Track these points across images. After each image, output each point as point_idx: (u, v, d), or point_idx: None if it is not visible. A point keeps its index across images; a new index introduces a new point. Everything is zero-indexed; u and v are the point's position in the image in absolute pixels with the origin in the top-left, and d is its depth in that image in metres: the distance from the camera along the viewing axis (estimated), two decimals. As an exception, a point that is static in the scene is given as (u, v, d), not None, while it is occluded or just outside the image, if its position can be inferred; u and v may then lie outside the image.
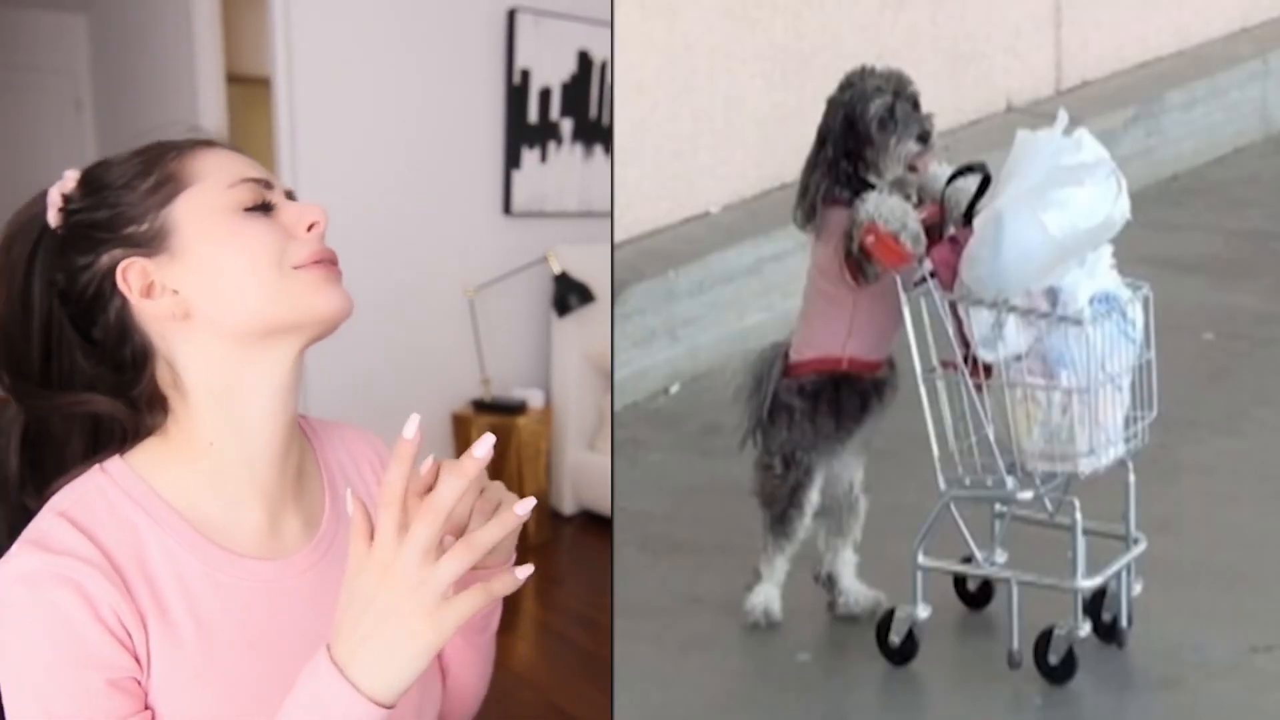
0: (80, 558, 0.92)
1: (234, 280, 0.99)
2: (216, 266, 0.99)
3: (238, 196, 1.00)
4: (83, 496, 0.98)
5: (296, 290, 1.00)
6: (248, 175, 1.02)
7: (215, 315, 0.99)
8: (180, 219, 0.99)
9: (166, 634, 0.95)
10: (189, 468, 1.02)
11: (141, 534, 0.97)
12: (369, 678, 0.84)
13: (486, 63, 4.59)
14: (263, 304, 0.99)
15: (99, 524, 0.95)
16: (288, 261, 1.00)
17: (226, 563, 1.01)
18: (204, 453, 1.02)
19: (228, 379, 1.01)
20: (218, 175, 1.01)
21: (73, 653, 0.91)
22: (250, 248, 0.99)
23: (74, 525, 0.94)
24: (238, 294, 0.99)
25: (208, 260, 0.99)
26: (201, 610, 0.98)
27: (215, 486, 1.02)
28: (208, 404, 1.02)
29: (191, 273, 0.99)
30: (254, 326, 0.99)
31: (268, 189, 1.03)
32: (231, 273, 0.99)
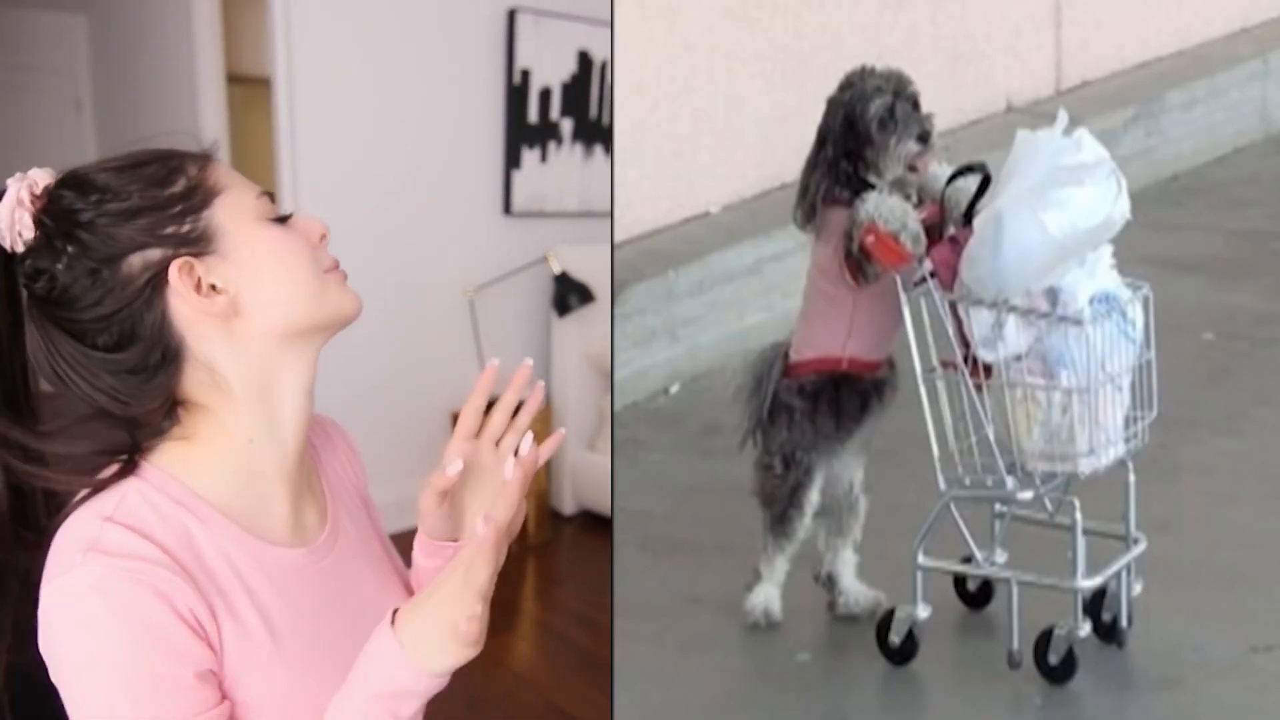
0: (145, 558, 0.94)
1: (283, 282, 1.05)
2: (267, 268, 1.04)
3: (264, 207, 1.06)
4: (123, 500, 0.98)
5: (331, 291, 1.07)
6: (260, 189, 1.08)
7: (264, 314, 1.04)
8: (222, 222, 1.03)
9: (235, 625, 0.99)
10: (224, 465, 1.05)
11: (192, 531, 1.00)
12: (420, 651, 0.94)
13: (486, 63, 4.59)
14: (307, 304, 1.05)
15: (149, 524, 0.97)
16: (319, 266, 1.07)
17: (265, 553, 1.05)
18: (242, 450, 1.05)
19: (265, 376, 1.05)
20: (242, 186, 1.06)
21: (163, 653, 0.93)
22: (294, 253, 1.06)
23: (126, 528, 0.95)
24: (288, 295, 1.05)
25: (258, 262, 1.04)
26: (261, 600, 1.02)
27: (249, 481, 1.06)
28: (248, 402, 1.05)
29: (242, 274, 1.03)
30: (298, 325, 1.05)
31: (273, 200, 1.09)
32: (280, 275, 1.04)
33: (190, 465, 1.03)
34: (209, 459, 1.04)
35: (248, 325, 1.03)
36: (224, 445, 1.05)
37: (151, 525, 0.97)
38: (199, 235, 1.02)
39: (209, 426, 1.05)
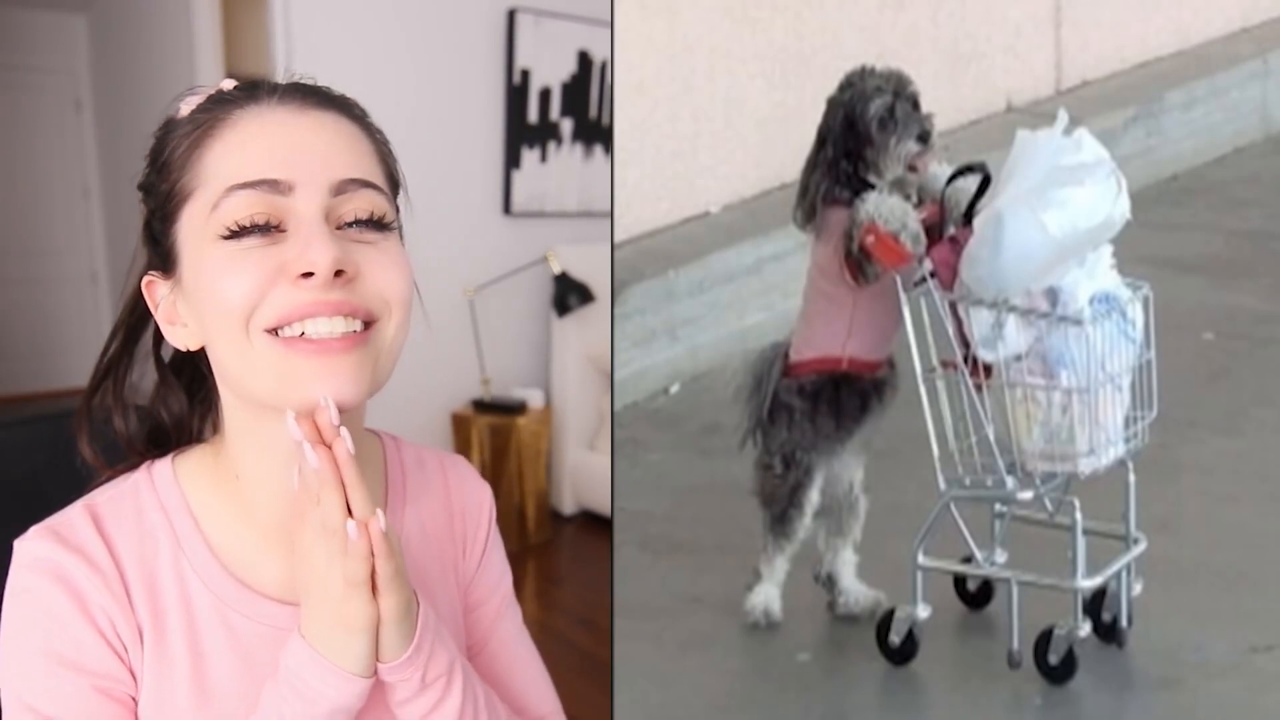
0: (88, 559, 0.88)
1: (212, 336, 0.85)
2: (200, 310, 0.86)
3: (224, 214, 0.83)
4: (118, 494, 0.94)
5: (267, 367, 0.83)
6: (245, 177, 0.83)
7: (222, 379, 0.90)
8: (181, 242, 0.87)
9: (161, 655, 0.90)
10: (221, 491, 0.95)
11: (159, 549, 0.92)
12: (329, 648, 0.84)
13: (486, 63, 4.59)
14: (232, 373, 0.86)
15: (121, 528, 0.91)
16: (257, 321, 0.82)
17: (239, 599, 0.93)
18: (232, 485, 0.94)
19: (248, 424, 0.91)
20: (214, 180, 0.84)
21: (60, 651, 0.87)
22: (218, 299, 0.82)
23: (95, 524, 0.91)
24: (216, 350, 0.86)
25: (194, 299, 0.86)
26: (203, 643, 0.91)
27: (240, 519, 0.94)
28: (234, 437, 0.93)
29: (192, 312, 0.88)
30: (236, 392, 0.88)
31: (275, 190, 0.83)
32: (209, 324, 0.85)
33: (199, 478, 0.95)
34: (213, 478, 0.95)
35: (212, 361, 0.90)
36: (223, 468, 0.95)
37: (123, 530, 0.91)
38: (166, 253, 0.88)
39: (221, 442, 0.96)
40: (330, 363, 0.83)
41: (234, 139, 0.85)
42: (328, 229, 0.83)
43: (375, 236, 0.87)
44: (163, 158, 0.89)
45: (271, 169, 0.83)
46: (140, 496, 0.94)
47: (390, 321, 0.88)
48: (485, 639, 1.12)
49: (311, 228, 0.83)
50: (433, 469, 1.09)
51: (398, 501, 1.04)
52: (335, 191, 0.85)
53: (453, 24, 4.45)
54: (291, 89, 0.89)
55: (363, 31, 4.19)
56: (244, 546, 0.94)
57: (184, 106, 0.91)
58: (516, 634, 1.15)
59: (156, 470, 0.96)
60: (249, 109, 0.87)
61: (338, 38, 4.12)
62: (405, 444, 1.09)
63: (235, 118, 0.86)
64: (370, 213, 0.87)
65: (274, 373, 0.83)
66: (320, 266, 0.81)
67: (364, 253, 0.86)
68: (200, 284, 0.84)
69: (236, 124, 0.86)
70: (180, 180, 0.86)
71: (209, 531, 0.93)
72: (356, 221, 0.86)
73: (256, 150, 0.84)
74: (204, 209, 0.84)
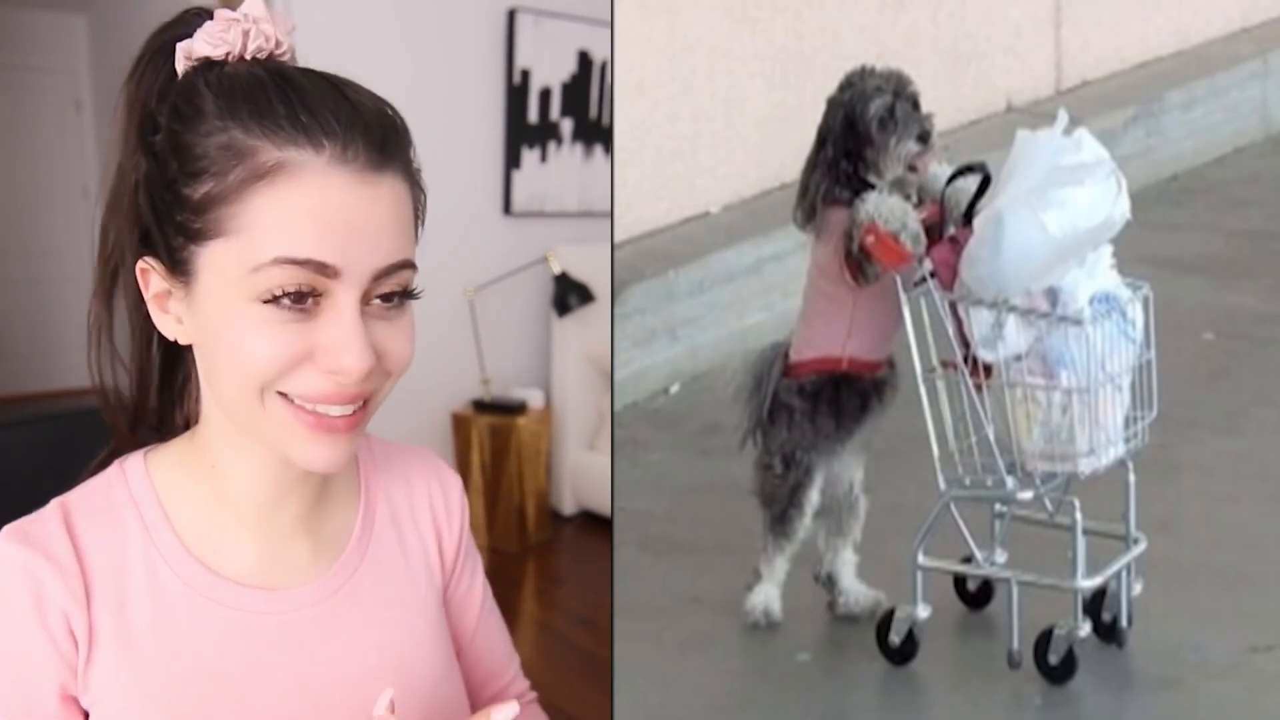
0: (50, 555, 0.88)
1: (221, 376, 0.86)
2: (214, 349, 0.86)
3: (264, 281, 0.80)
4: (91, 491, 0.94)
5: (271, 424, 0.85)
6: (294, 253, 0.80)
7: (213, 383, 0.90)
8: (202, 268, 0.84)
9: (121, 650, 0.90)
10: (195, 480, 0.95)
11: (128, 542, 0.92)
12: None
13: (486, 63, 4.59)
14: (242, 421, 0.88)
15: (92, 523, 0.92)
16: (275, 385, 0.83)
17: (211, 586, 0.93)
18: (208, 473, 0.94)
19: (228, 420, 0.91)
20: (258, 235, 0.80)
21: (8, 651, 0.89)
22: (241, 360, 0.83)
23: (65, 520, 0.91)
24: (223, 389, 0.87)
25: (210, 336, 0.85)
26: (172, 634, 0.91)
27: (214, 506, 0.95)
28: (213, 426, 0.93)
29: (198, 328, 0.87)
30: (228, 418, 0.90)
31: (321, 272, 0.81)
32: (221, 368, 0.86)
33: (171, 471, 0.96)
34: (186, 468, 0.95)
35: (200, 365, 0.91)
36: (197, 457, 0.95)
37: (92, 527, 0.91)
38: (179, 259, 0.85)
39: (196, 431, 0.96)
40: (332, 438, 0.86)
41: (286, 195, 0.80)
42: (361, 324, 0.83)
43: (398, 310, 0.88)
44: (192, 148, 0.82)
45: (322, 249, 0.80)
46: (112, 491, 0.94)
47: (386, 387, 0.90)
48: (476, 623, 1.16)
49: (348, 324, 0.82)
50: (401, 462, 1.11)
51: (373, 491, 1.06)
52: (377, 276, 0.84)
53: (453, 24, 4.45)
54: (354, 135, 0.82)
55: (363, 31, 4.19)
56: (217, 534, 0.94)
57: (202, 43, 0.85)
58: (492, 609, 1.20)
59: (129, 465, 0.96)
60: (306, 158, 0.80)
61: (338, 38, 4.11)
62: (374, 439, 1.11)
63: (294, 167, 0.80)
64: (400, 289, 0.87)
65: (276, 428, 0.86)
66: (353, 375, 0.83)
67: (385, 334, 0.87)
68: (223, 336, 0.83)
69: (295, 176, 0.80)
70: (221, 210, 0.81)
71: (180, 521, 0.94)
72: (386, 295, 0.86)
73: (310, 224, 0.80)
74: (241, 263, 0.81)
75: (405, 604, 1.04)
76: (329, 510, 1.01)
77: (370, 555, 1.03)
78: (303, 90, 0.83)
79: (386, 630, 1.01)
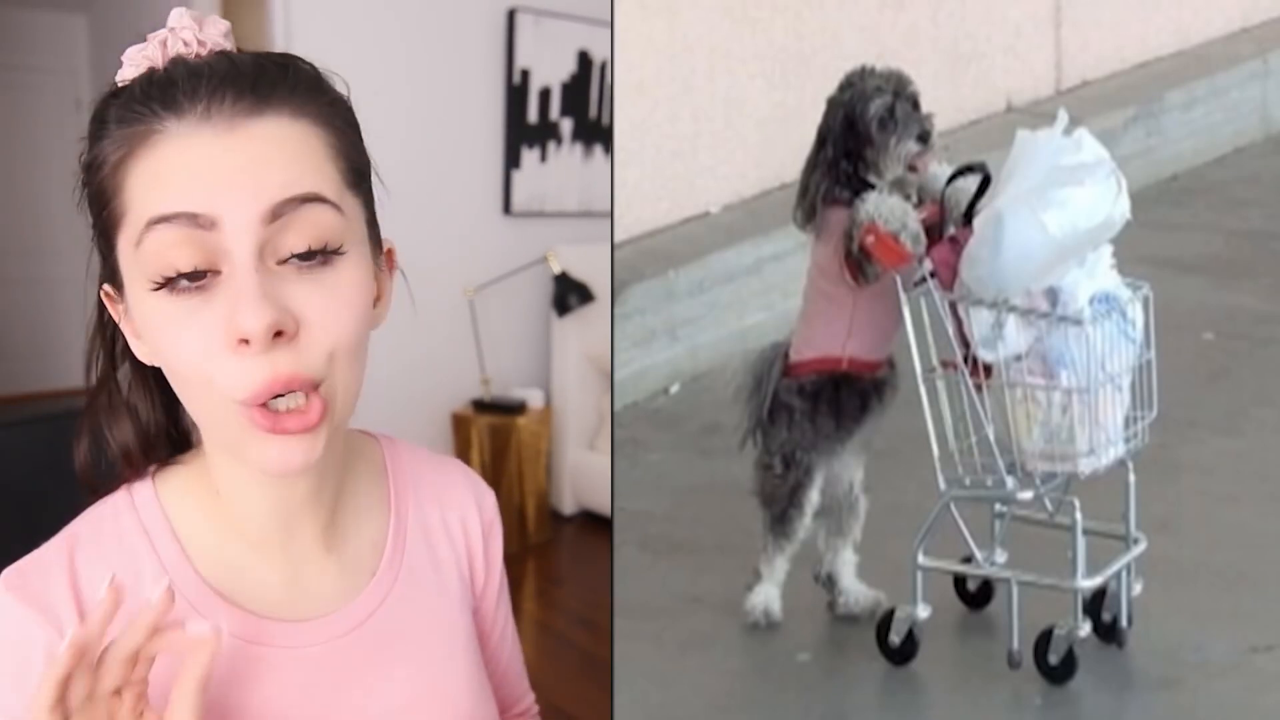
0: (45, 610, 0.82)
1: (179, 390, 0.81)
2: (160, 363, 0.81)
3: (147, 256, 0.76)
4: (98, 518, 0.89)
5: (234, 432, 0.79)
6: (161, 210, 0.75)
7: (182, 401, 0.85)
8: (122, 269, 0.80)
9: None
10: (203, 505, 0.89)
11: (140, 577, 0.85)
12: None
13: (486, 63, 4.59)
14: (207, 430, 0.84)
15: (100, 558, 0.86)
16: (226, 392, 0.77)
17: (231, 620, 0.86)
18: (214, 500, 0.89)
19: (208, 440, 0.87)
20: (136, 210, 0.77)
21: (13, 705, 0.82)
22: (168, 360, 0.78)
23: (70, 559, 0.85)
24: (187, 404, 0.82)
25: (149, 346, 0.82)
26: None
27: (227, 533, 0.89)
28: (209, 452, 0.88)
29: (150, 344, 0.82)
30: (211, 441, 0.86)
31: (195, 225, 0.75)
32: (173, 381, 0.81)
33: (181, 497, 0.90)
34: (194, 494, 0.90)
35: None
36: (207, 485, 0.89)
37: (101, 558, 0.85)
38: (113, 271, 0.81)
39: (201, 458, 0.90)
40: (283, 441, 0.79)
41: (151, 164, 0.77)
42: (259, 277, 0.75)
43: (321, 270, 0.79)
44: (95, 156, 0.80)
45: (190, 200, 0.75)
46: (121, 520, 0.88)
47: (336, 377, 0.80)
48: (500, 637, 1.11)
49: (243, 280, 0.75)
50: (433, 472, 1.05)
51: (404, 503, 1.01)
52: (270, 218, 0.76)
53: (453, 24, 4.45)
54: (220, 91, 0.77)
55: (362, 32, 4.19)
56: (232, 562, 0.89)
57: (127, 67, 0.83)
58: (514, 635, 1.15)
59: (137, 491, 0.90)
60: (169, 126, 0.77)
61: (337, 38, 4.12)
62: (402, 445, 1.06)
63: (155, 138, 0.77)
64: (311, 243, 0.77)
65: (236, 434, 0.79)
66: (255, 334, 0.74)
67: (306, 297, 0.77)
68: (150, 337, 0.80)
69: (155, 146, 0.77)
70: (111, 203, 0.79)
71: (194, 551, 0.88)
72: (304, 254, 0.78)
73: (175, 179, 0.76)
74: (130, 242, 0.77)
75: (441, 628, 0.98)
76: (354, 526, 0.95)
77: (403, 576, 0.96)
78: (173, 68, 0.80)
79: (422, 657, 0.95)
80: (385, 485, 1.00)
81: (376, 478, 1.00)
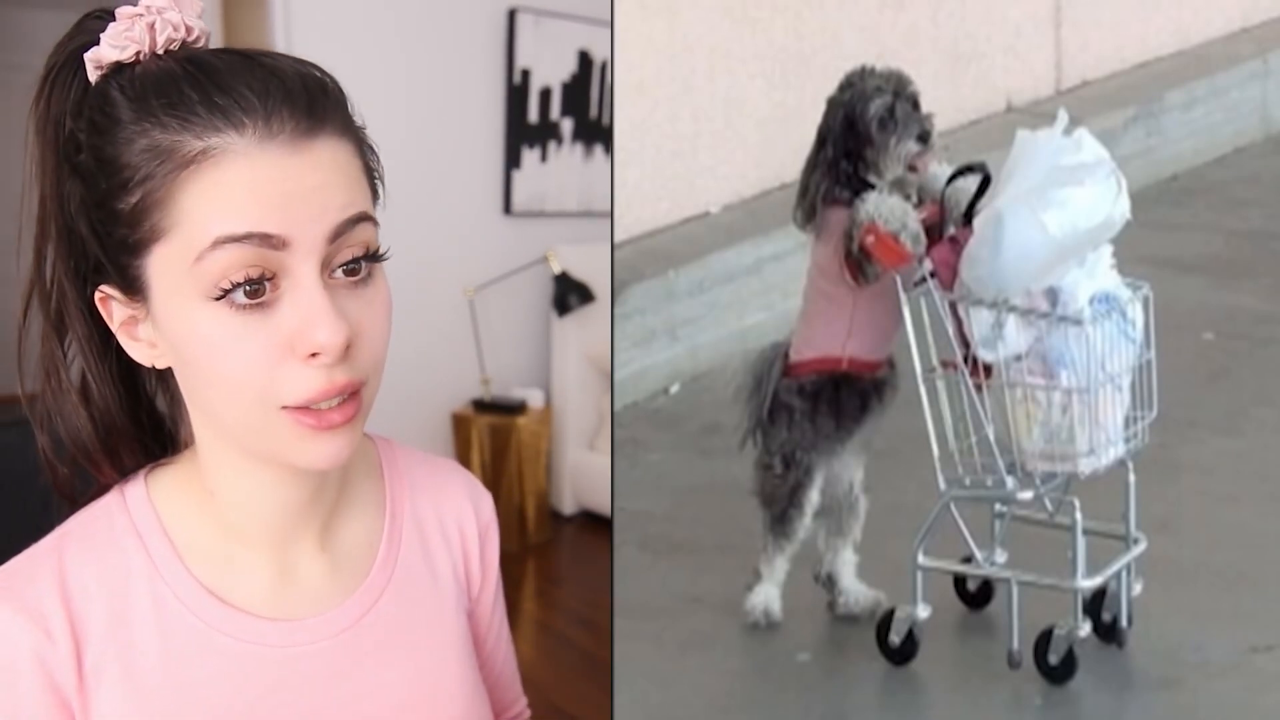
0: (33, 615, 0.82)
1: (210, 395, 0.81)
2: (190, 367, 0.80)
3: (210, 270, 0.75)
4: (90, 520, 0.89)
5: (279, 435, 0.80)
6: (233, 230, 0.75)
7: (197, 407, 0.85)
8: (153, 280, 0.79)
9: (129, 690, 0.84)
10: (196, 505, 0.89)
11: (131, 579, 0.86)
12: None
13: (486, 63, 4.59)
14: (240, 436, 0.83)
15: (90, 561, 0.86)
16: (273, 399, 0.78)
17: (224, 619, 0.87)
18: (208, 499, 0.89)
19: (218, 443, 0.87)
20: (195, 225, 0.76)
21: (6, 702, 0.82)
22: (220, 372, 0.78)
23: (59, 567, 0.85)
24: (218, 408, 0.82)
25: (182, 353, 0.80)
26: (183, 671, 0.85)
27: (221, 532, 0.89)
28: (205, 454, 0.88)
29: (170, 348, 0.82)
30: (236, 447, 0.85)
31: (267, 245, 0.75)
32: (203, 386, 0.81)
33: (172, 495, 0.90)
34: (186, 493, 0.90)
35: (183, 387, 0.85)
36: (197, 481, 0.89)
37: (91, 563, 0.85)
38: (131, 280, 0.80)
39: (194, 457, 0.90)
40: (330, 435, 0.81)
41: (215, 180, 0.76)
42: (327, 295, 0.78)
43: (365, 278, 0.82)
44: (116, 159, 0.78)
45: (263, 221, 0.75)
46: (113, 521, 0.88)
47: (373, 380, 0.84)
48: (495, 641, 1.11)
49: (312, 297, 0.77)
50: (429, 473, 1.05)
51: (399, 504, 1.01)
52: (333, 238, 0.78)
53: (453, 24, 4.45)
54: (279, 110, 0.77)
55: (362, 31, 4.19)
56: (227, 562, 0.89)
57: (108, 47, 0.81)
58: (507, 638, 1.15)
59: (129, 491, 0.90)
60: (229, 142, 0.76)
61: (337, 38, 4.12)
62: (398, 447, 1.06)
63: (218, 152, 0.76)
64: (364, 253, 0.81)
65: (278, 440, 0.80)
66: (332, 349, 0.77)
67: (359, 311, 0.81)
68: (192, 348, 0.78)
69: (220, 160, 0.75)
70: (153, 216, 0.77)
71: (187, 549, 0.88)
72: (349, 265, 0.80)
73: (246, 199, 0.75)
74: (183, 256, 0.76)
75: (434, 630, 0.98)
76: (348, 525, 0.96)
77: (397, 577, 0.96)
78: (216, 72, 0.78)
79: (415, 658, 0.95)
80: (381, 486, 1.00)
81: (372, 479, 1.00)
